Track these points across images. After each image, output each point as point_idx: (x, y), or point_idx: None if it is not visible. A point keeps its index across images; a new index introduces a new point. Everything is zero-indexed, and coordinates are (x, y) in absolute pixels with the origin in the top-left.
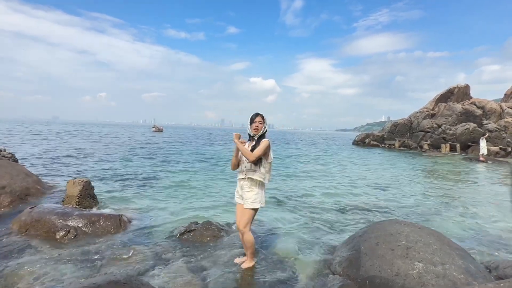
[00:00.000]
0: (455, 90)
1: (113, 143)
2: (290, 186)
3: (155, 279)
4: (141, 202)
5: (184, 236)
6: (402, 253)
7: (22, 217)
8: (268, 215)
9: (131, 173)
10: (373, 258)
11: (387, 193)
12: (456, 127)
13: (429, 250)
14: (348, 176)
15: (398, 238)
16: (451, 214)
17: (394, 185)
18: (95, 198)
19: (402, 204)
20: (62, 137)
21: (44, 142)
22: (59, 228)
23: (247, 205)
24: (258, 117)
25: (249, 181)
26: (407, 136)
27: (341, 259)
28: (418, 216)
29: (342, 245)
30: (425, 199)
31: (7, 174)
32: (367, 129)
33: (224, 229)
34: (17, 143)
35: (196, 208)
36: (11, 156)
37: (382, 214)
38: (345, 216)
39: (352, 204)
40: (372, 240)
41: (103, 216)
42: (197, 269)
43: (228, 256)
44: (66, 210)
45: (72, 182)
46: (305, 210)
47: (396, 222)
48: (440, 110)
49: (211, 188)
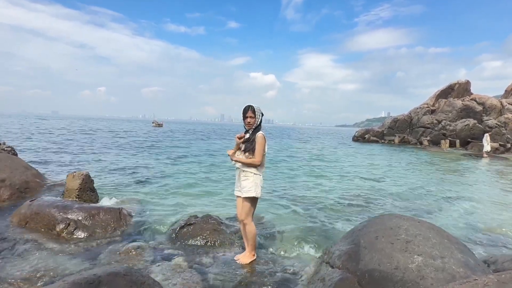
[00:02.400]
0: (455, 86)
1: (114, 138)
2: (289, 180)
3: (154, 274)
4: (141, 196)
5: (184, 229)
6: (401, 246)
7: (21, 210)
8: (267, 210)
9: (131, 167)
10: (372, 251)
11: (386, 188)
12: (456, 123)
13: (429, 244)
14: (347, 171)
15: (398, 232)
16: (451, 209)
17: (394, 179)
18: (95, 192)
19: (401, 198)
20: (62, 131)
21: (45, 136)
22: (59, 221)
23: (244, 193)
24: (249, 112)
25: (244, 171)
26: (407, 132)
27: (340, 252)
28: (417, 211)
29: (342, 239)
30: (425, 194)
31: (7, 167)
32: (367, 124)
33: (224, 223)
34: (18, 136)
35: (197, 202)
36: (11, 149)
37: (382, 208)
38: (344, 210)
39: (351, 198)
40: (372, 234)
41: (103, 209)
42: (196, 264)
43: (228, 251)
44: (66, 203)
45: (72, 176)
46: (304, 204)
47: (396, 216)
48: (441, 106)
49: (212, 182)
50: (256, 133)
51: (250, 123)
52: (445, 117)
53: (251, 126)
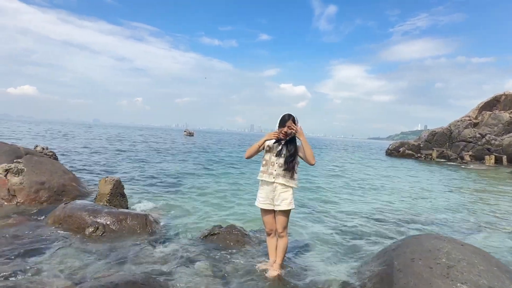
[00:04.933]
0: (501, 98)
1: (148, 146)
2: (318, 194)
3: (175, 280)
4: (169, 203)
5: (208, 239)
6: (442, 272)
7: (56, 212)
8: (293, 224)
9: (162, 175)
10: (408, 275)
11: (422, 206)
12: (503, 137)
13: (474, 271)
14: (380, 186)
15: (437, 255)
16: (496, 233)
17: (431, 197)
18: (125, 197)
19: (439, 218)
20: (101, 137)
21: (83, 141)
22: (88, 224)
23: (285, 206)
24: (289, 121)
25: (283, 184)
26: (446, 146)
27: (371, 273)
28: (457, 233)
29: (373, 258)
30: (465, 215)
31: (47, 171)
32: (401, 138)
33: (247, 235)
34: (60, 141)
35: (223, 213)
36: (52, 154)
37: (417, 227)
38: (376, 227)
39: (384, 215)
40: (407, 255)
41: (130, 215)
42: (218, 273)
43: (250, 262)
44: (96, 207)
45: (104, 181)
46: (333, 219)
47: (435, 237)
48: (484, 119)
49: (240, 193)
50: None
51: (288, 133)
52: (490, 131)
53: (287, 137)
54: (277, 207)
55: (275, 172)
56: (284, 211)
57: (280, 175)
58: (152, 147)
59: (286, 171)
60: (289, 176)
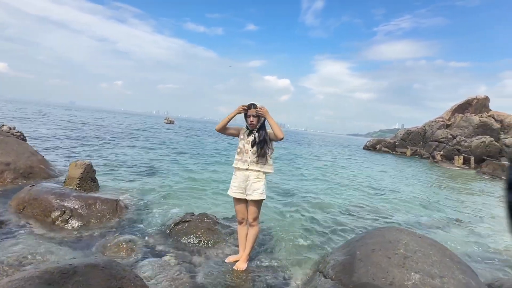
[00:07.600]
0: (473, 102)
1: (125, 132)
2: (293, 185)
3: (142, 269)
4: (141, 190)
5: (178, 226)
6: (398, 261)
7: (21, 195)
8: (265, 214)
9: (137, 161)
10: (367, 264)
11: (392, 200)
12: (472, 140)
13: (428, 261)
14: (353, 179)
15: (396, 246)
16: (457, 228)
17: (401, 192)
18: (96, 182)
19: (406, 212)
20: (73, 120)
21: (56, 125)
22: (54, 208)
23: (257, 196)
24: (251, 110)
25: (256, 172)
26: (420, 145)
27: (335, 262)
28: (421, 226)
29: (338, 248)
30: (431, 210)
31: (13, 151)
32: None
33: (219, 223)
34: (30, 123)
35: (196, 201)
36: (20, 134)
37: (384, 220)
38: (345, 219)
39: (354, 208)
40: (369, 246)
41: (100, 199)
42: (187, 263)
43: (220, 252)
44: (64, 191)
45: (75, 164)
46: (305, 210)
47: (397, 229)
48: (456, 121)
49: (215, 181)
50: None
51: (253, 122)
52: (461, 133)
53: (254, 127)
54: (249, 197)
55: (249, 159)
56: (256, 201)
57: (254, 162)
58: (131, 133)
59: (260, 157)
60: (263, 162)
